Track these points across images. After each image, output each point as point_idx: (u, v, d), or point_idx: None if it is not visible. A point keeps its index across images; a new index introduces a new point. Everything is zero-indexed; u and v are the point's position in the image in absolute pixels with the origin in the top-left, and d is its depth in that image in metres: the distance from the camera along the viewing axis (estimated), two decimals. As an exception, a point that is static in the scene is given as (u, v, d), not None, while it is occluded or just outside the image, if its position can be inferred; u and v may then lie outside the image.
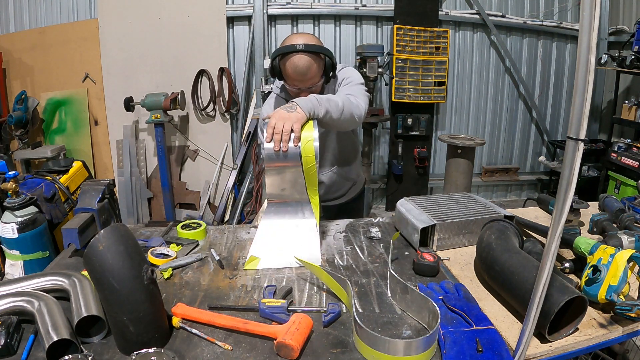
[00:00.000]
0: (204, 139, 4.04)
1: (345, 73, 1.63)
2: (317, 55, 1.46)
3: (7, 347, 0.89)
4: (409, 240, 1.46)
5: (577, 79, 0.73)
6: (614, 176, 3.92)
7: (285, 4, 3.95)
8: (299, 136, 1.27)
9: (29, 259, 1.27)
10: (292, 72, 1.46)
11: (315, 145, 1.27)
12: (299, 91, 1.53)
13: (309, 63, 1.44)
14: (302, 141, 1.27)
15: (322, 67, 1.49)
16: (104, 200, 1.42)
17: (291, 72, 1.47)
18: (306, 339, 0.94)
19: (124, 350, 0.91)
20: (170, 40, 3.78)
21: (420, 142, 4.21)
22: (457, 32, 4.26)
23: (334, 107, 1.35)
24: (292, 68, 1.45)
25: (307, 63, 1.44)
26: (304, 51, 1.43)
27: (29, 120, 3.62)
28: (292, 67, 1.45)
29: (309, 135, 1.27)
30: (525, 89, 4.48)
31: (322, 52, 1.47)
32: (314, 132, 1.28)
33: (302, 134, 1.27)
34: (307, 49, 1.43)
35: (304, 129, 1.28)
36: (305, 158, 1.27)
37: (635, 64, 3.70)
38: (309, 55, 1.44)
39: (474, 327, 0.97)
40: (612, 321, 1.01)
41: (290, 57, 1.44)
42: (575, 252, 1.20)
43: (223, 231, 1.59)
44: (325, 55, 1.48)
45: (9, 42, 3.83)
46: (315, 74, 1.48)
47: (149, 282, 0.93)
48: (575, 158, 0.75)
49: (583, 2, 0.69)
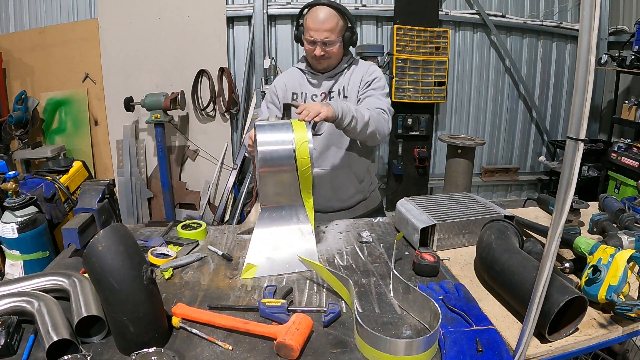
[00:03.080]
0: (204, 139, 4.04)
1: (375, 72, 1.65)
2: (339, 12, 1.56)
3: (7, 347, 0.89)
4: (409, 240, 1.46)
5: (577, 79, 0.73)
6: (614, 176, 3.92)
7: (285, 4, 3.95)
8: (317, 121, 1.30)
9: (29, 259, 1.27)
10: (312, 21, 1.54)
11: (310, 147, 1.25)
12: (313, 46, 1.56)
13: (329, 14, 1.53)
14: (296, 143, 1.25)
15: (341, 28, 1.57)
16: (104, 200, 1.42)
17: (311, 22, 1.55)
18: (306, 339, 0.94)
19: (124, 351, 0.91)
20: (170, 40, 3.78)
21: (420, 142, 4.20)
22: (457, 32, 4.26)
23: (359, 118, 1.40)
24: (313, 16, 1.54)
25: (327, 14, 1.53)
26: (329, 5, 1.54)
27: (29, 120, 3.62)
28: (314, 16, 1.54)
29: (303, 137, 1.25)
30: (525, 89, 4.48)
31: (345, 12, 1.56)
32: (308, 133, 1.26)
33: (296, 135, 1.25)
34: (330, 4, 1.54)
35: (297, 130, 1.26)
36: (300, 160, 1.25)
37: (635, 64, 3.70)
38: (332, 9, 1.54)
39: (474, 327, 0.97)
40: (612, 321, 1.01)
41: (314, 8, 1.56)
42: (575, 252, 1.20)
43: (223, 231, 1.59)
44: (348, 17, 1.58)
45: (9, 42, 3.83)
46: (332, 27, 1.54)
47: (149, 282, 0.93)
48: (575, 158, 0.75)
49: (583, 2, 0.70)
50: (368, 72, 1.65)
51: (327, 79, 1.65)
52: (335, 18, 1.53)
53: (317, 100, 1.64)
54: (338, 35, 1.56)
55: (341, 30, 1.57)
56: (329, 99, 1.65)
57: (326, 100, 1.64)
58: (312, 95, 1.66)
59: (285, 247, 1.32)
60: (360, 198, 1.81)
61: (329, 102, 1.39)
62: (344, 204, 1.78)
